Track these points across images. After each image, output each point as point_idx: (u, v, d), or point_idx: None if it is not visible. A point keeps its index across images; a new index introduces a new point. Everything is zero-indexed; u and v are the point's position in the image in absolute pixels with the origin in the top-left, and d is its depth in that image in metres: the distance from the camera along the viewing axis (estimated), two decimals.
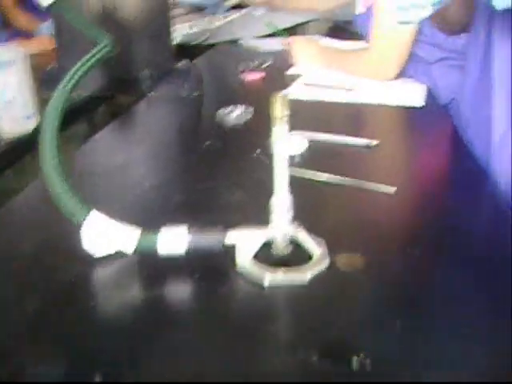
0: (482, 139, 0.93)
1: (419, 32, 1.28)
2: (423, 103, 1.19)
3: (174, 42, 1.81)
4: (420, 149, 0.95)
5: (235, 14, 1.99)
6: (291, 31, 1.94)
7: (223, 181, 0.82)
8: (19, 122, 0.99)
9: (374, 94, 1.25)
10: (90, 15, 1.24)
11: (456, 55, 1.30)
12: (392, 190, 0.76)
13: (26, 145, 0.96)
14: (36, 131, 0.68)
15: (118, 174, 0.86)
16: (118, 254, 0.59)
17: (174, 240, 0.58)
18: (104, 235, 0.59)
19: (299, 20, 2.02)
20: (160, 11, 1.32)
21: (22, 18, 2.29)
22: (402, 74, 1.36)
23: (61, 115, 0.62)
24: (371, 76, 1.34)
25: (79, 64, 0.71)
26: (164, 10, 1.34)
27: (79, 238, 0.59)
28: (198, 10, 2.07)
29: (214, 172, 0.86)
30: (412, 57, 1.33)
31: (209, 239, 0.59)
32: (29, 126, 1.00)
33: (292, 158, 0.84)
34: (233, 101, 1.17)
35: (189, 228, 0.59)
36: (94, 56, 0.72)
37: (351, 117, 1.19)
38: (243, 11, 2.01)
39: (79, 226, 0.58)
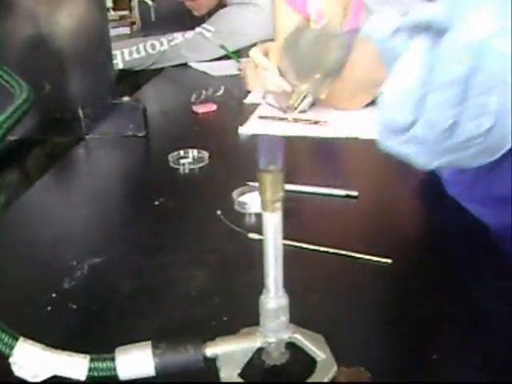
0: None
1: None
2: None
3: (117, 68, 1.68)
4: (408, 201, 0.83)
5: (181, 37, 1.86)
6: (243, 52, 1.82)
7: (180, 255, 0.68)
8: None
9: (344, 127, 1.13)
10: (19, 44, 1.08)
11: None
12: (388, 261, 0.64)
13: None
14: None
15: (47, 249, 0.71)
16: None
17: (137, 363, 0.45)
18: (39, 365, 0.45)
19: (248, 42, 1.90)
20: (99, 39, 1.16)
21: None
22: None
23: None
24: (341, 105, 1.22)
25: None
26: (103, 36, 1.19)
27: None
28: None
29: (168, 242, 0.71)
30: None
31: (183, 356, 0.45)
32: None
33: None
34: (184, 141, 1.04)
35: (153, 347, 0.45)
36: (10, 117, 0.57)
37: (322, 155, 1.06)
38: (190, 33, 1.88)
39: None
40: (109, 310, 0.58)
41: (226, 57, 1.87)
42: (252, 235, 0.70)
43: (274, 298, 0.45)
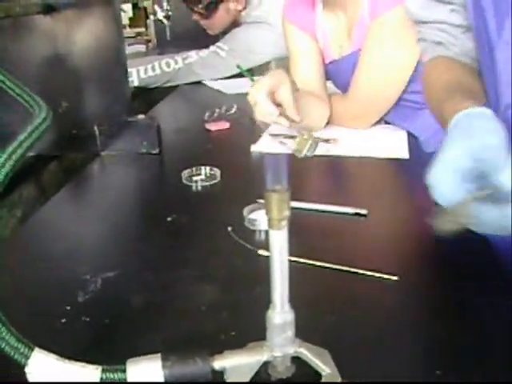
0: None
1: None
2: (407, 155, 1.09)
3: (132, 85, 1.70)
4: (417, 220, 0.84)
5: (196, 56, 1.88)
6: (256, 71, 1.84)
7: (191, 271, 0.69)
8: None
9: (354, 146, 1.14)
10: (37, 62, 1.11)
11: None
12: (394, 278, 0.64)
13: None
14: None
15: (61, 263, 0.73)
16: None
17: (147, 375, 0.46)
18: (53, 375, 0.46)
19: (262, 61, 1.93)
20: (115, 57, 1.19)
21: None
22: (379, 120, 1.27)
23: None
24: (347, 124, 1.24)
25: (15, 145, 0.57)
26: (120, 55, 1.21)
27: None
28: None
29: (180, 257, 0.73)
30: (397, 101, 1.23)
31: (191, 369, 0.47)
32: None
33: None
34: (197, 158, 1.06)
35: (163, 359, 0.46)
36: (29, 136, 0.59)
37: (332, 173, 1.07)
38: (205, 52, 1.90)
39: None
40: (121, 323, 0.60)
41: (239, 75, 1.89)
42: (262, 252, 0.71)
43: (280, 314, 0.47)
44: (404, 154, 1.10)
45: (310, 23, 1.29)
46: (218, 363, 0.47)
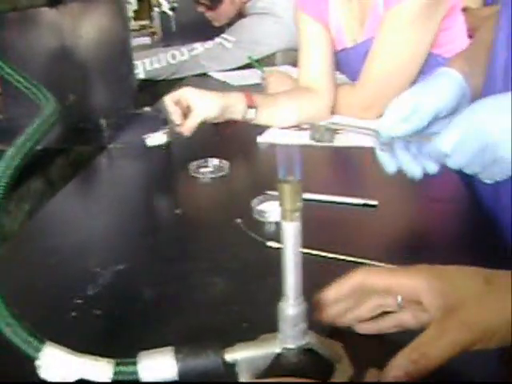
0: None
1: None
2: None
3: (138, 78, 1.70)
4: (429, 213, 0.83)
5: (201, 47, 1.88)
6: (262, 62, 1.83)
7: (200, 263, 0.69)
8: None
9: (363, 136, 1.13)
10: (44, 56, 1.10)
11: None
12: None
13: None
14: None
15: (71, 257, 0.73)
16: None
17: (160, 368, 0.46)
18: (65, 369, 0.46)
19: (268, 52, 1.92)
20: (121, 50, 1.18)
21: None
22: None
23: (1, 200, 0.48)
24: (357, 114, 1.23)
25: (24, 138, 0.57)
26: (126, 48, 1.21)
27: None
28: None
29: (189, 250, 0.73)
30: None
31: (203, 361, 0.46)
32: None
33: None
34: (205, 150, 1.05)
35: (175, 351, 0.46)
36: (38, 130, 0.58)
37: (341, 164, 1.07)
38: (210, 43, 1.90)
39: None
40: (131, 315, 0.60)
41: (245, 66, 1.89)
42: (271, 243, 0.71)
43: (292, 305, 0.46)
44: None
45: (323, 12, 1.28)
46: (230, 356, 0.47)
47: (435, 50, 1.19)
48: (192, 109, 1.05)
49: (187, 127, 1.05)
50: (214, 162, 0.99)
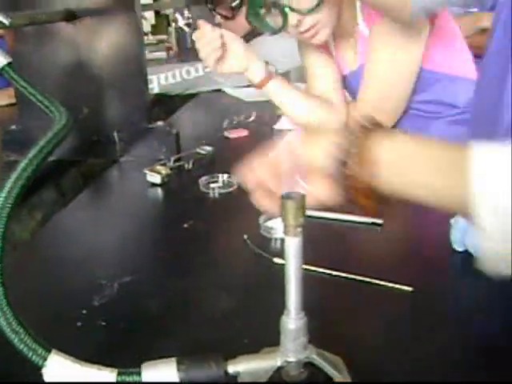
0: None
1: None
2: None
3: (153, 92, 1.72)
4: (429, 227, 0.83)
5: None
6: None
7: (206, 277, 0.70)
8: None
9: None
10: (60, 69, 1.12)
11: (452, 110, 1.20)
12: (409, 289, 0.65)
13: None
14: None
15: (78, 267, 0.74)
16: None
17: (163, 379, 0.47)
18: (70, 377, 0.47)
19: (282, 70, 1.93)
20: (136, 66, 1.20)
21: None
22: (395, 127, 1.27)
23: (10, 214, 0.49)
24: None
25: (36, 150, 0.58)
26: (140, 63, 1.22)
27: None
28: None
29: (195, 263, 0.74)
30: (407, 109, 1.23)
31: (206, 373, 0.47)
32: None
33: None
34: (215, 166, 1.06)
35: (178, 362, 0.47)
36: (50, 142, 0.60)
37: None
38: None
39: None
40: (136, 327, 0.61)
41: None
42: (277, 260, 0.72)
43: (294, 319, 0.47)
44: None
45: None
46: (232, 367, 0.48)
47: (430, 66, 1.19)
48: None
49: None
50: (224, 177, 1.00)
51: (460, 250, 0.72)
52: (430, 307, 0.64)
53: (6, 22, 0.77)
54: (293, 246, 0.44)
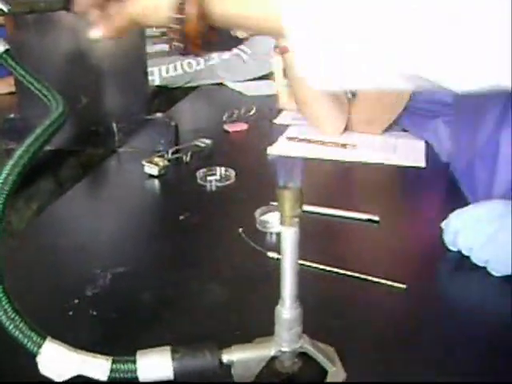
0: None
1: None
2: (424, 164, 1.08)
3: (153, 84, 1.71)
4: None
5: (218, 58, 1.89)
6: None
7: (200, 270, 0.70)
8: None
9: (371, 152, 1.13)
10: (59, 58, 1.12)
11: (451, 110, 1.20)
12: (403, 286, 0.64)
13: None
14: None
15: (72, 256, 0.74)
16: None
17: (157, 367, 0.47)
18: (64, 365, 0.47)
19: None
20: (136, 56, 1.20)
21: None
22: (396, 126, 1.27)
23: (6, 201, 0.49)
24: (361, 128, 1.24)
25: (32, 138, 0.58)
26: (140, 54, 1.22)
27: None
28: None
29: (190, 256, 0.74)
30: (408, 107, 1.23)
31: (200, 361, 0.48)
32: None
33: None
34: (213, 159, 1.06)
35: (172, 351, 0.47)
36: (47, 130, 0.60)
37: (347, 179, 1.07)
38: (227, 54, 1.91)
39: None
40: (127, 318, 0.60)
41: (260, 78, 1.90)
42: (271, 254, 0.72)
43: (289, 309, 0.47)
44: (420, 162, 1.09)
45: None
46: (227, 357, 0.48)
47: None
48: None
49: None
50: (221, 170, 1.00)
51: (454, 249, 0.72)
52: (422, 305, 0.64)
53: (4, 8, 0.77)
54: (289, 237, 0.44)
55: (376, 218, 0.82)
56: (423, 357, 0.55)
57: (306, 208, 0.81)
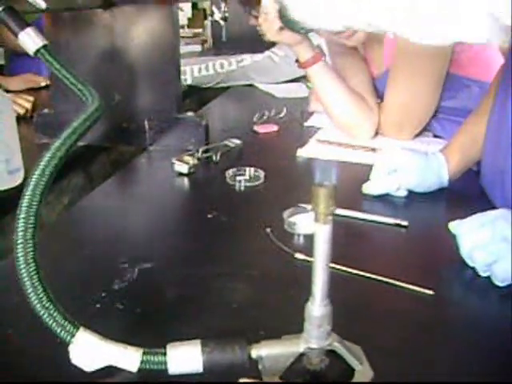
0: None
1: None
2: None
3: (185, 83, 1.73)
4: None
5: (250, 59, 1.90)
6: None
7: (226, 268, 0.70)
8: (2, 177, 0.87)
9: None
10: (95, 55, 1.13)
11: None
12: (430, 292, 0.64)
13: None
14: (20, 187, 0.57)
15: (101, 250, 0.74)
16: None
17: (187, 359, 0.48)
18: (96, 355, 0.49)
19: None
20: (170, 55, 1.20)
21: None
22: (427, 132, 1.27)
23: (44, 192, 0.50)
24: (389, 133, 1.24)
25: (69, 131, 0.59)
26: (174, 53, 1.23)
27: None
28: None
29: (217, 254, 0.74)
30: (438, 114, 1.23)
31: (229, 356, 0.49)
32: (12, 183, 0.88)
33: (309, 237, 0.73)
34: (243, 159, 1.07)
35: (202, 345, 0.48)
36: (83, 124, 0.60)
37: None
38: (259, 56, 1.91)
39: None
40: (152, 313, 0.61)
41: (291, 81, 1.91)
42: (298, 255, 0.72)
43: (319, 306, 0.47)
44: None
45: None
46: (256, 352, 0.48)
47: (459, 71, 1.18)
48: None
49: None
50: (251, 171, 1.00)
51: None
52: (449, 311, 0.63)
53: (42, 5, 0.78)
54: (322, 234, 0.44)
55: (404, 223, 0.82)
56: (449, 362, 0.54)
57: (335, 211, 0.81)
